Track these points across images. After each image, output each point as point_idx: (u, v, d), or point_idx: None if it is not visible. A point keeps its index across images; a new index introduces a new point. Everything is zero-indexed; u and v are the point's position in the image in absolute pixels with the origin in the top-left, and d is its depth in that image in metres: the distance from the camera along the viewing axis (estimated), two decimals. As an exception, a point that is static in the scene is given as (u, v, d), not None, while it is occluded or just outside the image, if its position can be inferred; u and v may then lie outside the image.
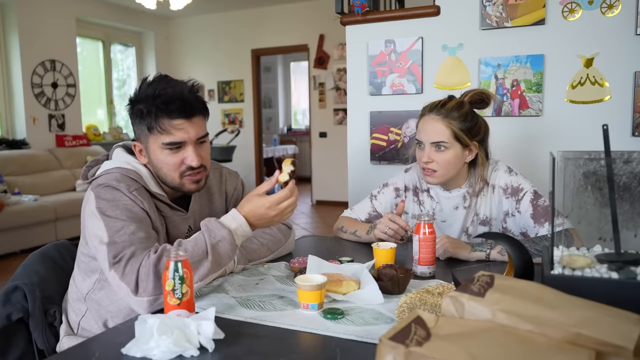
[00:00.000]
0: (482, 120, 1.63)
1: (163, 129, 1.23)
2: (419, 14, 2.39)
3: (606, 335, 0.65)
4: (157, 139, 1.25)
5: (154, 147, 1.26)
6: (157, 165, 1.29)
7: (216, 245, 1.13)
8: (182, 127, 1.24)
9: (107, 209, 1.18)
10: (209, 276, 1.14)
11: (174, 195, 1.38)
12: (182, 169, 1.28)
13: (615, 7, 2.05)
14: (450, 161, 1.57)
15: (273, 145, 9.29)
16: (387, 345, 0.66)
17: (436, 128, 1.56)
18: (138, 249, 1.12)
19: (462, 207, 1.67)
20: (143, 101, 1.24)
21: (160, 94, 1.22)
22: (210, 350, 0.88)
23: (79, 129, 6.16)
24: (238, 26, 7.27)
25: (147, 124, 1.24)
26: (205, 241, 1.13)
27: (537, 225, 1.54)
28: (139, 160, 1.32)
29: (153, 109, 1.22)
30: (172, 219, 1.34)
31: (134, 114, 1.28)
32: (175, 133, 1.24)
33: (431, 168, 1.59)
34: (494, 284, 0.78)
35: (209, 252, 1.12)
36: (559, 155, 0.93)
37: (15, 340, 1.32)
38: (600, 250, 0.95)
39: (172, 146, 1.25)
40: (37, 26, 5.60)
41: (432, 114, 1.58)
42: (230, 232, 1.15)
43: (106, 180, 1.23)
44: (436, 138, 1.56)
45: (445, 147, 1.56)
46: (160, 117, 1.23)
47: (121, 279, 1.09)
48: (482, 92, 1.63)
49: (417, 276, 1.32)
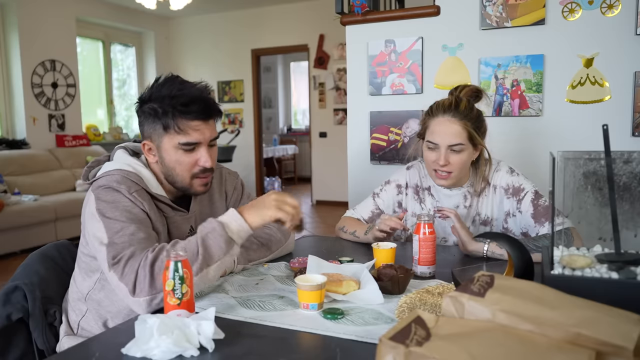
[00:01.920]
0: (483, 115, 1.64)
1: (181, 129, 1.25)
2: (419, 14, 2.39)
3: (606, 335, 0.65)
4: (173, 139, 1.26)
5: (168, 146, 1.27)
6: (169, 165, 1.29)
7: (205, 238, 1.13)
8: (199, 128, 1.26)
9: (106, 210, 1.18)
10: (204, 271, 1.11)
11: (176, 195, 1.38)
12: (195, 171, 1.29)
13: (615, 7, 2.05)
14: (465, 162, 1.58)
15: (273, 145, 9.29)
16: (387, 345, 0.66)
17: (453, 130, 1.54)
18: (137, 249, 1.12)
19: (463, 207, 1.67)
20: (158, 100, 1.26)
21: (178, 94, 1.24)
22: (210, 350, 0.88)
23: (79, 129, 6.16)
24: (238, 26, 7.27)
25: (163, 123, 1.25)
26: (197, 236, 1.14)
27: (538, 225, 1.54)
28: (141, 162, 1.33)
29: (170, 109, 1.24)
30: (174, 220, 1.34)
31: (146, 112, 1.29)
32: (192, 134, 1.26)
33: (447, 170, 1.57)
34: (494, 284, 0.78)
35: (199, 245, 1.12)
36: (559, 155, 0.93)
37: (15, 340, 1.32)
38: (600, 250, 0.95)
39: (187, 147, 1.26)
40: (37, 26, 5.60)
41: (447, 116, 1.55)
42: (220, 223, 1.15)
43: (107, 181, 1.23)
44: (454, 140, 1.54)
45: (462, 149, 1.55)
46: (178, 117, 1.24)
47: (120, 279, 1.10)
48: (475, 87, 1.64)
49: (417, 276, 1.32)
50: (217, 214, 1.49)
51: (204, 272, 1.12)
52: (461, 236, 1.48)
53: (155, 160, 1.32)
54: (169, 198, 1.34)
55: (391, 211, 1.79)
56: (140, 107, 1.31)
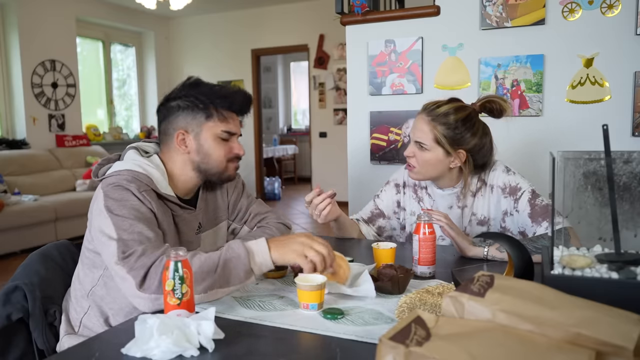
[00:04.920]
0: (476, 132, 1.57)
1: (225, 117, 1.36)
2: (419, 14, 2.39)
3: (606, 335, 0.65)
4: (216, 127, 1.35)
5: (208, 134, 1.35)
6: (207, 151, 1.36)
7: (228, 261, 1.11)
8: (235, 119, 1.40)
9: (115, 207, 1.19)
10: (214, 290, 1.10)
11: (184, 194, 1.40)
12: (230, 156, 1.39)
13: (615, 7, 2.05)
14: (429, 162, 1.59)
15: (273, 145, 9.29)
16: (387, 345, 0.66)
17: (421, 127, 1.60)
18: (149, 247, 1.13)
19: (457, 207, 1.68)
20: (197, 95, 1.34)
21: (221, 90, 1.36)
22: (210, 350, 0.88)
23: (79, 129, 6.16)
24: (238, 26, 7.27)
25: (205, 113, 1.34)
26: (220, 254, 1.12)
27: (535, 225, 1.54)
28: (152, 163, 1.34)
29: (216, 99, 1.34)
30: (183, 217, 1.37)
31: (182, 105, 1.35)
32: (232, 123, 1.38)
33: (411, 163, 1.63)
34: (494, 284, 0.78)
35: (219, 265, 1.11)
36: (559, 155, 0.93)
37: (15, 340, 1.32)
38: (600, 250, 0.95)
39: (227, 135, 1.36)
40: (37, 26, 5.60)
41: (423, 114, 1.61)
42: (247, 252, 1.12)
43: (117, 180, 1.24)
44: (419, 137, 1.60)
45: (426, 148, 1.58)
46: (221, 107, 1.36)
47: (128, 272, 1.09)
48: (493, 101, 1.60)
49: (417, 276, 1.32)
50: (219, 211, 1.51)
51: (214, 292, 1.11)
52: (458, 243, 1.47)
53: (187, 151, 1.36)
54: (177, 197, 1.36)
55: (391, 211, 1.79)
56: (168, 103, 1.37)
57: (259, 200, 1.63)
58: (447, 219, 1.47)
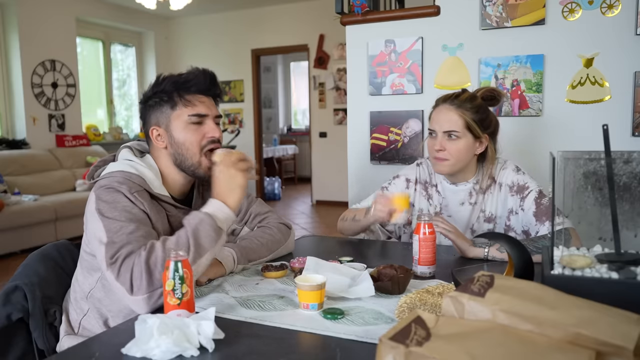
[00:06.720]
0: (493, 115, 1.66)
1: (188, 101, 1.32)
2: (419, 14, 2.39)
3: (606, 335, 0.65)
4: (182, 114, 1.32)
5: (177, 123, 1.32)
6: (179, 142, 1.32)
7: (195, 230, 1.16)
8: (203, 100, 1.35)
9: (106, 210, 1.19)
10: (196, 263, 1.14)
11: (178, 193, 1.40)
12: (204, 143, 1.33)
13: (615, 7, 2.05)
14: (461, 150, 1.60)
15: (273, 145, 9.29)
16: (387, 345, 0.66)
17: (449, 117, 1.59)
18: (134, 247, 1.13)
19: (468, 203, 1.68)
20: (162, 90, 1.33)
21: (180, 79, 1.33)
22: (210, 350, 0.88)
23: (79, 129, 6.16)
24: (238, 26, 7.27)
25: (170, 104, 1.32)
26: (186, 229, 1.17)
27: (539, 224, 1.55)
28: (145, 163, 1.33)
29: (175, 89, 1.32)
30: (178, 217, 1.36)
31: (151, 104, 1.34)
32: (198, 105, 1.33)
33: (442, 157, 1.61)
34: (494, 284, 0.78)
35: (189, 237, 1.15)
36: (559, 155, 0.93)
37: (15, 340, 1.32)
38: (600, 250, 0.95)
39: (196, 118, 1.32)
40: (37, 26, 5.60)
41: (445, 104, 1.62)
42: (207, 214, 1.19)
43: (108, 182, 1.24)
44: (449, 127, 1.59)
45: (457, 136, 1.59)
46: (183, 92, 1.33)
47: (117, 279, 1.10)
48: (493, 89, 1.68)
49: (417, 276, 1.32)
50: None
51: (197, 264, 1.14)
52: (458, 245, 1.48)
53: (164, 146, 1.34)
54: (171, 197, 1.35)
55: None
56: (145, 104, 1.36)
57: (259, 200, 1.62)
58: (444, 223, 1.48)
